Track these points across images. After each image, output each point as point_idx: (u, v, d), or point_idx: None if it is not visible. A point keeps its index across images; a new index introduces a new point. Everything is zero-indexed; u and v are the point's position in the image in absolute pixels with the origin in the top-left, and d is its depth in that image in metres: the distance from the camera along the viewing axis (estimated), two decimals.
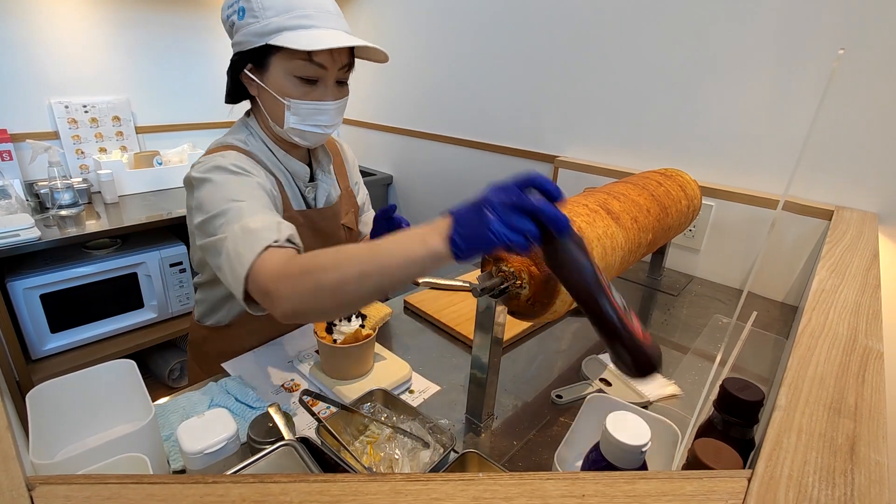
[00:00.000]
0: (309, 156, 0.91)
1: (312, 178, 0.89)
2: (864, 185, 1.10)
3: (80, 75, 1.79)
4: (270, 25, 0.69)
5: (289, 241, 0.62)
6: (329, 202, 0.92)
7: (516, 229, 0.46)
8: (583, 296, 0.51)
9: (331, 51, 0.71)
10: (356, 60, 0.80)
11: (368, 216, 1.07)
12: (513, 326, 0.97)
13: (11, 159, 1.60)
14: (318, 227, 0.88)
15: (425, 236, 0.49)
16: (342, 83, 0.79)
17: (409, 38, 2.05)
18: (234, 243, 0.62)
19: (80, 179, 1.75)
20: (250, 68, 0.75)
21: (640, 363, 0.50)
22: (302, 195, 0.87)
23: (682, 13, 1.27)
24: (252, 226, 0.62)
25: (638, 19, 1.36)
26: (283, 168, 0.83)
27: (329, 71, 0.74)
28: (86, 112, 1.80)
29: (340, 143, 1.04)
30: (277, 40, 0.68)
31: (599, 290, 0.50)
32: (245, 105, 0.86)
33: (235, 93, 0.81)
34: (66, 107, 1.75)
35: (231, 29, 0.74)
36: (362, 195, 1.06)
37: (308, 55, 0.70)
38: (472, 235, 0.47)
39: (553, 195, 0.49)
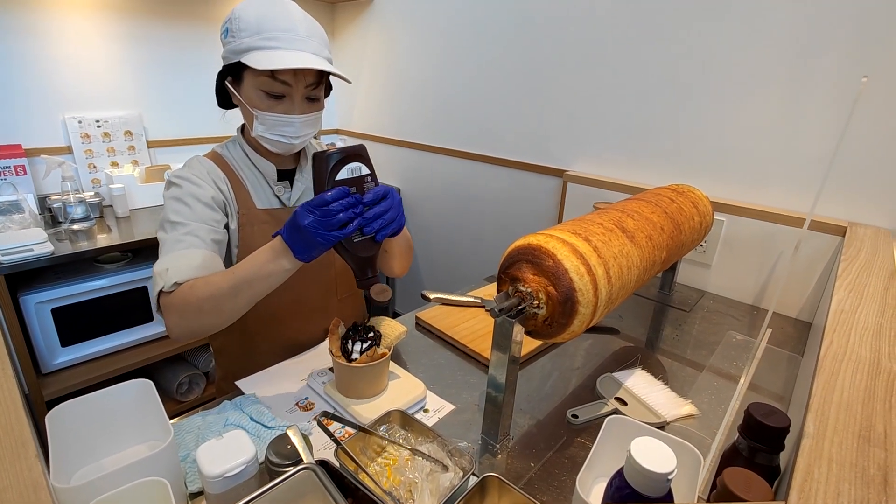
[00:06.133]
0: (298, 158, 0.96)
1: (285, 178, 0.94)
2: (877, 200, 1.10)
3: (94, 91, 1.81)
4: (242, 45, 0.76)
5: (175, 283, 0.74)
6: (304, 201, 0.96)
7: (337, 234, 0.66)
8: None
9: (295, 70, 0.77)
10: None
11: None
12: (526, 343, 0.97)
13: (25, 174, 1.62)
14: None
15: (276, 258, 0.69)
16: (313, 99, 0.84)
17: (417, 53, 2.07)
18: (152, 274, 0.78)
19: (93, 193, 1.76)
20: (230, 80, 0.84)
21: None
22: (274, 193, 0.93)
23: (692, 29, 1.28)
24: (156, 268, 0.76)
25: (647, 35, 1.37)
26: (253, 167, 0.91)
27: (294, 88, 0.80)
28: (98, 127, 1.82)
29: None
30: (246, 58, 0.76)
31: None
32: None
33: (222, 100, 0.90)
34: (80, 122, 1.78)
35: (222, 45, 0.82)
36: None
37: (271, 73, 0.77)
38: (305, 250, 0.67)
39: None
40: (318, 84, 0.82)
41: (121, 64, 1.85)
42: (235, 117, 0.92)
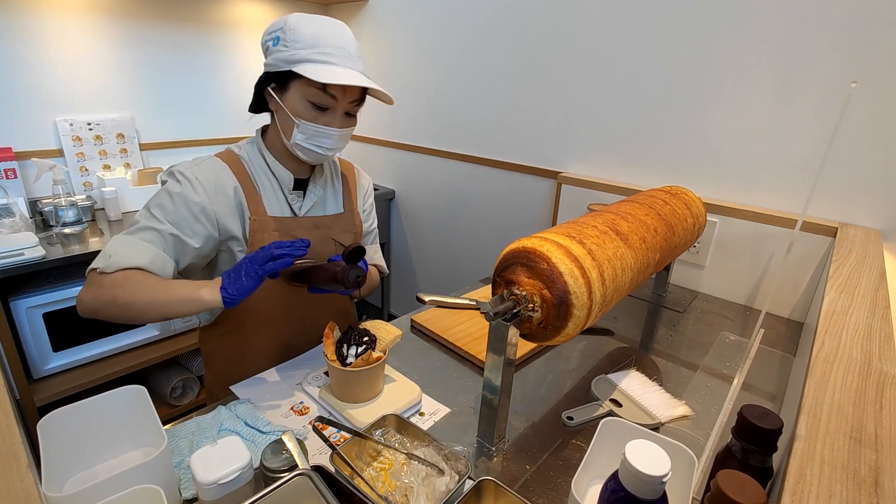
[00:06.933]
0: (311, 168, 0.96)
1: (298, 188, 0.94)
2: (867, 201, 1.11)
3: (86, 93, 1.80)
4: (297, 55, 0.78)
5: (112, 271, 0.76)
6: (315, 213, 0.96)
7: (265, 267, 0.71)
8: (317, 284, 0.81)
9: (343, 86, 0.80)
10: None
11: (371, 249, 1.10)
12: (521, 346, 0.97)
13: (16, 177, 1.60)
14: (293, 233, 0.92)
15: (201, 288, 0.73)
16: (351, 115, 0.87)
17: (411, 55, 2.07)
18: (105, 246, 0.79)
19: (84, 197, 1.75)
20: (273, 87, 0.84)
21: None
22: (287, 202, 0.93)
23: (686, 31, 1.29)
24: (108, 246, 0.77)
25: (641, 37, 1.38)
26: (269, 173, 0.91)
27: (339, 102, 0.83)
28: (90, 129, 1.81)
29: (360, 171, 1.09)
30: (300, 69, 0.77)
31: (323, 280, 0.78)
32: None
33: (257, 105, 0.90)
34: (71, 124, 1.76)
35: (265, 51, 0.84)
36: (367, 226, 1.08)
37: (323, 86, 0.79)
38: (235, 281, 0.72)
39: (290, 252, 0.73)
40: (360, 101, 0.86)
41: (112, 66, 1.84)
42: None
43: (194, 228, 0.83)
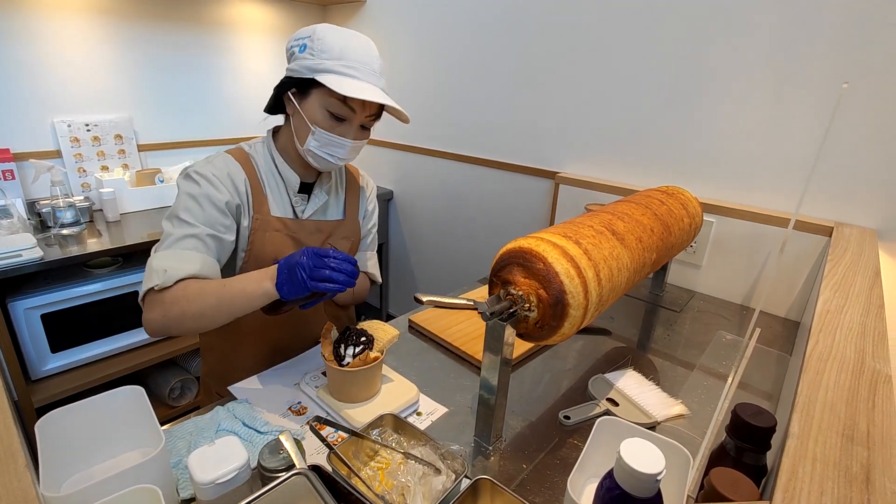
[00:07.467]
0: (318, 173, 0.97)
1: (303, 191, 0.95)
2: (862, 201, 1.11)
3: (84, 94, 1.80)
4: (322, 65, 0.80)
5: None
6: (317, 217, 0.97)
7: (315, 283, 0.69)
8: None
9: (363, 100, 0.81)
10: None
11: (366, 256, 1.10)
12: (518, 346, 0.97)
13: (14, 178, 1.60)
14: (296, 235, 0.92)
15: (263, 281, 0.73)
16: (365, 128, 0.88)
17: (410, 56, 2.07)
18: (147, 265, 0.78)
19: (82, 198, 1.75)
20: (293, 92, 0.85)
21: None
22: (291, 203, 0.94)
23: (682, 32, 1.29)
24: (154, 264, 0.77)
25: (638, 38, 1.38)
26: (276, 174, 0.92)
27: (357, 115, 0.84)
28: (88, 131, 1.81)
29: (365, 177, 1.10)
30: (323, 78, 0.78)
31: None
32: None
33: (274, 106, 0.92)
34: (69, 126, 1.76)
35: (290, 56, 0.85)
36: (366, 230, 1.09)
37: (343, 98, 0.80)
38: (288, 283, 0.71)
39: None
40: (377, 116, 0.87)
41: (111, 67, 1.84)
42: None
43: (225, 223, 0.84)
